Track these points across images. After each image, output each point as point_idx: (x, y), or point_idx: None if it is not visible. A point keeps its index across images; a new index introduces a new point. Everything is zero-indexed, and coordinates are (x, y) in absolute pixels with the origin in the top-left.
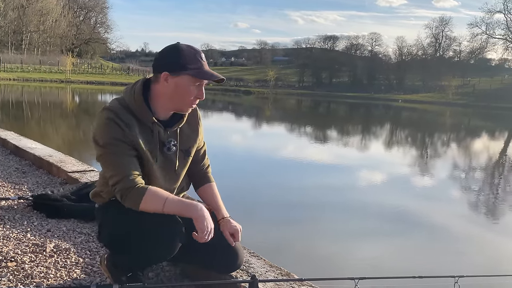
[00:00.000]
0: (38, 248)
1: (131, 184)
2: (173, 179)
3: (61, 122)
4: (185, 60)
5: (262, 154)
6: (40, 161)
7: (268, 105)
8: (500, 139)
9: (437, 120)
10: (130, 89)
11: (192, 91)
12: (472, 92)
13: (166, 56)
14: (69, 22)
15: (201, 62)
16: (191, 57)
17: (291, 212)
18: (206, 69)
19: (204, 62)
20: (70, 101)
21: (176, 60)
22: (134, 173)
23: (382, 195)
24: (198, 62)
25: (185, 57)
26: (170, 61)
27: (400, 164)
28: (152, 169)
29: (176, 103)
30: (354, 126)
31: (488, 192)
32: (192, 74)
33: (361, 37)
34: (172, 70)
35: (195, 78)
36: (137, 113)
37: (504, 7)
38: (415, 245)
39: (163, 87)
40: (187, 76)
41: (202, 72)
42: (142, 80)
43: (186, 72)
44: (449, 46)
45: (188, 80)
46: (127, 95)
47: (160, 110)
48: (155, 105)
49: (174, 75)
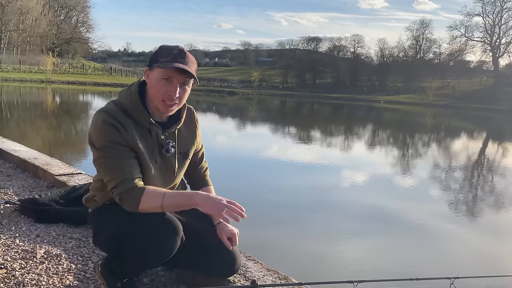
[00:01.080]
0: (28, 254)
1: (129, 187)
2: (171, 181)
3: (42, 124)
4: (159, 54)
5: (248, 155)
6: (25, 164)
7: (252, 106)
8: (479, 139)
9: (419, 121)
10: (126, 91)
11: (161, 85)
12: (452, 94)
13: (152, 54)
14: (50, 21)
15: (175, 56)
16: (166, 52)
17: (282, 214)
18: (174, 63)
19: (183, 59)
20: (51, 102)
21: (154, 55)
22: (133, 176)
23: (376, 197)
24: (171, 56)
25: (160, 52)
26: (151, 57)
27: (391, 165)
28: (151, 171)
29: (154, 101)
30: (338, 126)
31: (481, 193)
32: (160, 66)
33: (344, 39)
34: (149, 65)
35: (163, 70)
36: (134, 115)
37: (483, 10)
38: (410, 247)
39: (147, 84)
40: (157, 68)
41: (166, 64)
42: (138, 81)
43: (157, 65)
44: (430, 48)
45: (158, 73)
46: (123, 97)
47: (155, 111)
48: (150, 106)
49: (150, 69)
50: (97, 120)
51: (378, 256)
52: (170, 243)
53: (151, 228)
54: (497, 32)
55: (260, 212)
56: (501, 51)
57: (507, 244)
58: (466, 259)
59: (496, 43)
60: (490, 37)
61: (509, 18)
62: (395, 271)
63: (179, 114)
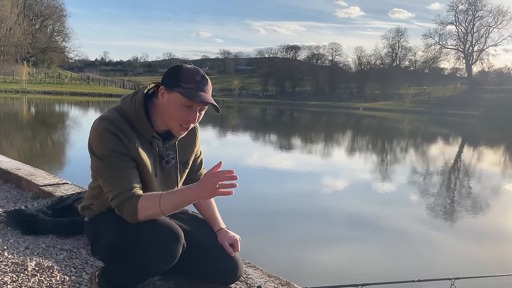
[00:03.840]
0: (19, 267)
1: (127, 197)
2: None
3: (17, 135)
4: (181, 78)
5: (237, 163)
6: (7, 175)
7: (233, 114)
8: (455, 143)
9: (397, 127)
10: (130, 100)
11: (181, 111)
12: (428, 100)
13: (169, 72)
14: (24, 31)
15: (198, 84)
16: (188, 76)
17: (279, 221)
18: (199, 92)
19: (205, 87)
20: (26, 112)
21: (174, 77)
22: (132, 186)
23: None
24: (194, 82)
25: (182, 75)
26: (169, 76)
27: (367, 170)
28: (151, 182)
29: (167, 121)
30: (318, 133)
31: (443, 196)
32: (181, 92)
33: (322, 47)
34: (168, 85)
35: (184, 98)
36: (137, 126)
37: (456, 19)
38: (410, 249)
39: (160, 101)
40: (177, 94)
41: (191, 93)
42: (143, 91)
43: (178, 90)
44: (405, 56)
45: (178, 98)
46: (126, 106)
47: (160, 124)
48: (154, 119)
49: (168, 90)
50: (98, 127)
51: (379, 259)
52: (172, 251)
53: (152, 236)
54: (470, 40)
55: (258, 220)
56: (474, 58)
57: (507, 243)
58: (466, 260)
59: (469, 50)
60: (463, 44)
61: (481, 26)
62: (397, 273)
63: None
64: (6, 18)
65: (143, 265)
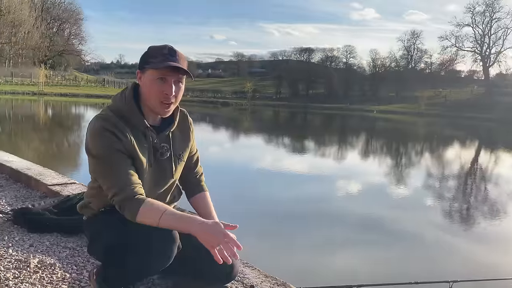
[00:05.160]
0: (22, 264)
1: (129, 195)
2: (164, 184)
3: (34, 135)
4: (149, 55)
5: (243, 164)
6: (17, 175)
7: (246, 117)
8: (471, 147)
9: (411, 130)
10: (120, 95)
11: (156, 86)
12: (444, 103)
13: (141, 56)
14: (42, 34)
15: (165, 56)
16: (155, 52)
17: (277, 222)
18: (167, 62)
19: (173, 57)
20: (43, 114)
21: (144, 57)
22: (132, 183)
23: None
24: (161, 55)
25: (150, 52)
26: (141, 59)
27: (380, 173)
28: (145, 174)
29: (149, 103)
30: (333, 137)
31: (477, 199)
32: (152, 66)
33: (336, 50)
34: (141, 67)
35: (156, 70)
36: (130, 119)
37: (473, 20)
38: (408, 252)
39: (141, 86)
40: (149, 70)
41: (160, 63)
42: (132, 85)
43: (149, 66)
44: (421, 58)
45: (151, 74)
46: (118, 102)
47: (149, 114)
48: (145, 109)
49: (142, 71)
50: (93, 127)
51: (377, 261)
52: (167, 252)
53: (148, 236)
54: (487, 42)
55: (256, 221)
56: (491, 61)
57: (505, 247)
58: (464, 263)
59: (486, 52)
60: (480, 47)
61: (498, 28)
62: (394, 275)
63: (172, 117)
64: (24, 21)
65: (138, 265)
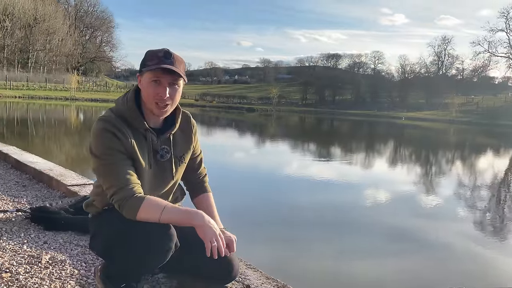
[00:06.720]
0: (34, 259)
1: (128, 194)
2: (165, 186)
3: (64, 139)
4: (147, 59)
5: (263, 170)
6: (40, 175)
7: (271, 122)
8: (505, 156)
9: (441, 137)
10: (122, 98)
11: (151, 88)
12: (476, 110)
13: (141, 61)
14: (75, 41)
15: (160, 59)
16: (152, 55)
17: (290, 228)
18: (161, 64)
19: (168, 60)
20: (74, 118)
21: (142, 61)
22: (131, 182)
23: (382, 213)
24: (156, 58)
25: (147, 56)
26: (140, 64)
27: (407, 182)
28: (145, 175)
29: (147, 105)
30: (359, 143)
31: (491, 210)
32: (148, 69)
33: (364, 56)
34: (140, 71)
35: (151, 72)
36: (131, 121)
37: (506, 25)
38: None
39: (141, 89)
40: (146, 72)
41: (154, 66)
42: (134, 88)
43: (145, 69)
44: (452, 64)
45: (147, 76)
46: (120, 104)
47: (150, 116)
48: (145, 111)
49: (141, 75)
50: (96, 128)
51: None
52: (164, 249)
53: (146, 233)
54: None
55: (269, 226)
56: None
57: None
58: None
59: None
60: None
61: None
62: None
63: (173, 120)
64: (58, 29)
65: (134, 261)
